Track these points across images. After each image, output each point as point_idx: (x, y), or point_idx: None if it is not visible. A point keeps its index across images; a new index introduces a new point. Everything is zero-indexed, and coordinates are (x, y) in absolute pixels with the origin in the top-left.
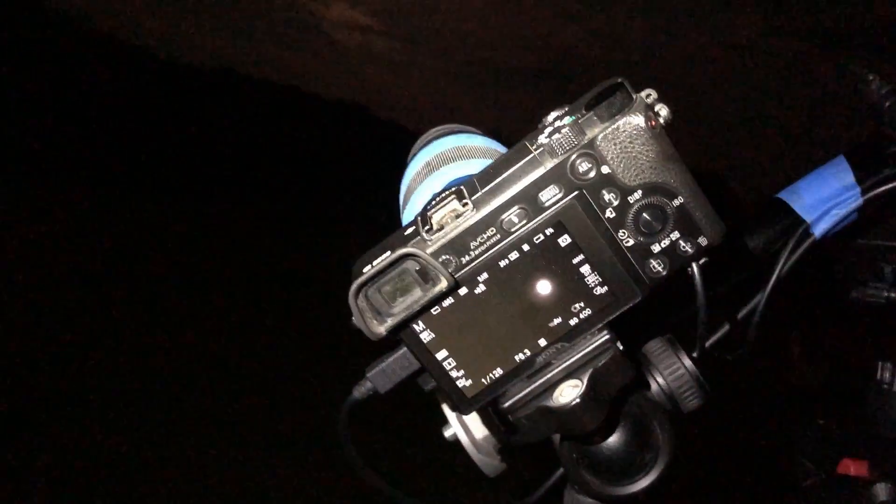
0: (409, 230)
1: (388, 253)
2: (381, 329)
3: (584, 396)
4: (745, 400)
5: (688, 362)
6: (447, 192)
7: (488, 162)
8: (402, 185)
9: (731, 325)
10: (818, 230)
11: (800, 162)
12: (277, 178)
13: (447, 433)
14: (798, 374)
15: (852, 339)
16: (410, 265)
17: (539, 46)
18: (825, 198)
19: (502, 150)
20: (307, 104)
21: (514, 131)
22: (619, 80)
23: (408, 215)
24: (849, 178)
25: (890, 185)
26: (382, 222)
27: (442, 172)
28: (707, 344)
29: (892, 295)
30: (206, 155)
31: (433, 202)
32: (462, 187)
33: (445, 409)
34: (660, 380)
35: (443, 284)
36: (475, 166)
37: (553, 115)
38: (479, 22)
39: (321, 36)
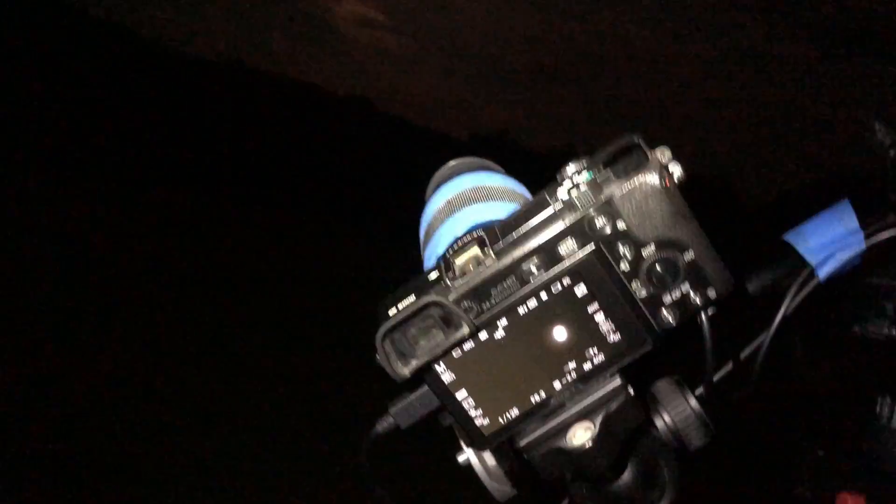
0: (433, 275)
1: (413, 297)
2: (406, 371)
3: (596, 439)
4: (745, 431)
5: (694, 403)
6: (469, 238)
7: (507, 204)
8: (424, 219)
9: (735, 364)
10: (822, 273)
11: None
12: (283, 172)
13: (461, 458)
14: (799, 377)
15: (852, 374)
16: (434, 311)
17: (547, 46)
18: (829, 242)
19: (519, 188)
20: (315, 98)
21: (521, 129)
22: (635, 138)
23: (429, 254)
24: (853, 223)
25: (893, 232)
26: (388, 215)
27: (463, 214)
28: (712, 383)
29: (893, 332)
30: (214, 147)
31: (455, 246)
32: (484, 235)
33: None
34: (667, 419)
35: (464, 330)
36: (495, 209)
37: (571, 167)
38: (487, 20)
39: (330, 31)
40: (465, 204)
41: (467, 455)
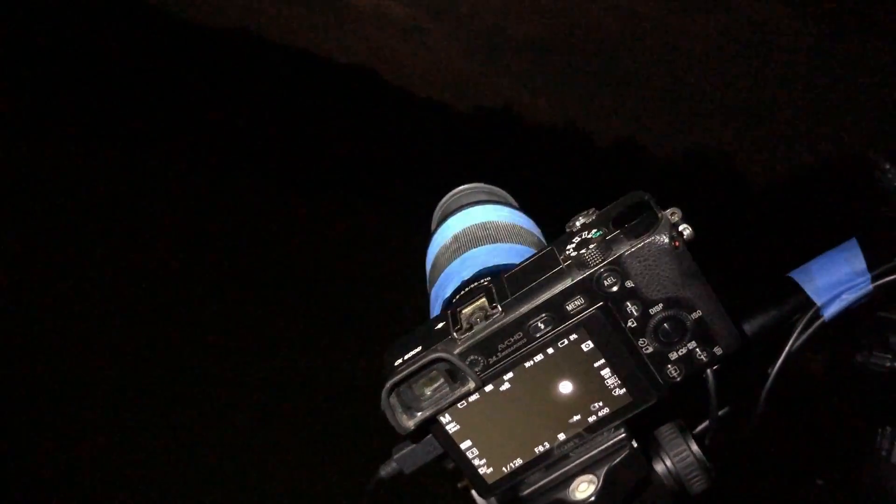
0: (440, 325)
1: (420, 349)
2: (411, 424)
3: (599, 493)
4: (746, 462)
5: (695, 448)
6: (476, 287)
7: (514, 247)
8: (430, 251)
9: (738, 404)
10: (828, 313)
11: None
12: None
13: (461, 484)
14: (808, 367)
15: (853, 405)
16: (441, 365)
17: (555, 19)
18: (836, 282)
19: (527, 223)
20: (319, 66)
21: (523, 103)
22: (646, 196)
23: (436, 294)
24: (860, 263)
25: None
26: (390, 187)
27: (470, 255)
28: (714, 422)
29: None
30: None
31: (462, 293)
32: (491, 286)
33: None
34: (668, 463)
35: (470, 385)
36: (502, 252)
37: (580, 221)
38: None
39: None
40: (473, 244)
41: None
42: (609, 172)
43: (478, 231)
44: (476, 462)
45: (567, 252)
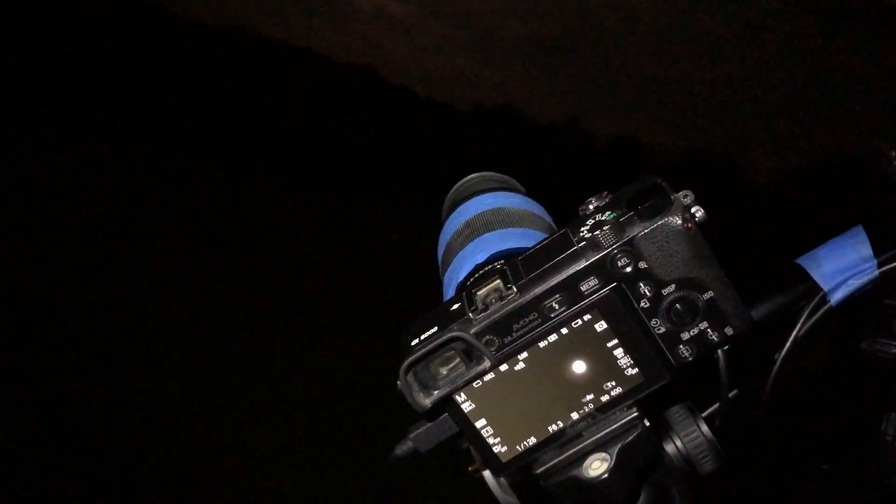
0: (455, 306)
1: (436, 329)
2: (427, 402)
3: (612, 471)
4: (751, 447)
5: (705, 429)
6: (491, 269)
7: (526, 231)
8: (442, 238)
9: (747, 388)
10: (834, 298)
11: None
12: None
13: (472, 467)
14: (815, 353)
15: (859, 390)
16: (457, 344)
17: (554, 16)
18: (842, 268)
19: (538, 210)
20: (317, 63)
21: (524, 99)
22: (659, 180)
23: (449, 278)
24: (866, 250)
25: None
26: (392, 184)
27: (483, 240)
28: (725, 403)
29: None
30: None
31: (477, 275)
32: (506, 268)
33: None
34: (678, 444)
35: (486, 364)
36: (515, 236)
37: (594, 203)
38: None
39: None
40: (485, 229)
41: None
42: (610, 169)
43: (490, 216)
44: (491, 440)
45: (581, 234)
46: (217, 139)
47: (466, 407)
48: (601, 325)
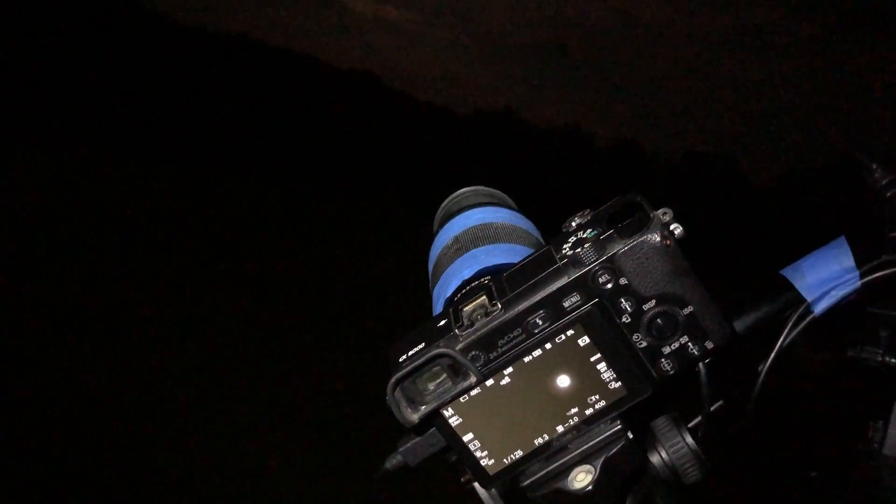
0: (442, 322)
1: (423, 345)
2: (415, 417)
3: (596, 483)
4: (740, 454)
5: (689, 440)
6: (477, 285)
7: (514, 246)
8: (432, 252)
9: (730, 398)
10: (818, 309)
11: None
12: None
13: (464, 478)
14: (803, 361)
15: (846, 398)
16: (443, 360)
17: (553, 20)
18: (826, 279)
19: (525, 224)
20: (318, 70)
21: (522, 104)
22: (638, 197)
23: (437, 294)
24: (849, 260)
25: (887, 271)
26: (392, 191)
27: (471, 255)
28: (709, 425)
29: (887, 359)
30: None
31: (463, 291)
32: (491, 284)
33: None
34: (663, 454)
35: (472, 379)
36: (501, 251)
37: (576, 220)
38: None
39: (334, 3)
40: (473, 244)
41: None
42: (608, 173)
43: (478, 231)
44: (478, 454)
45: (563, 251)
46: (217, 145)
47: (454, 421)
48: (584, 340)
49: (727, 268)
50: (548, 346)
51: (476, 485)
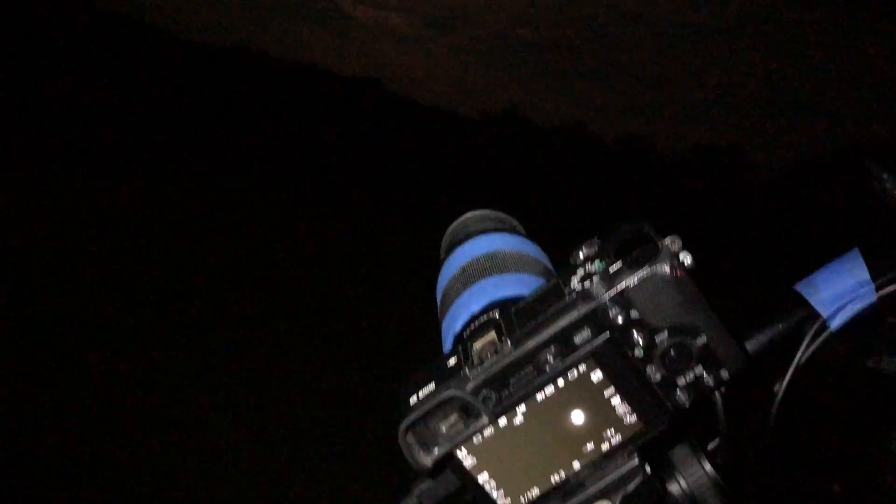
0: (452, 361)
1: (433, 386)
2: (428, 461)
3: None
4: (761, 471)
5: (708, 467)
6: (486, 321)
7: (522, 276)
8: (440, 282)
9: (750, 419)
10: (834, 324)
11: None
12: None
13: None
14: (810, 375)
15: (867, 409)
16: (455, 401)
17: (554, 20)
18: (841, 293)
19: (533, 251)
20: (321, 78)
21: (528, 106)
22: (645, 226)
23: (446, 328)
24: (864, 274)
25: None
26: (399, 196)
27: (479, 287)
28: (728, 453)
29: None
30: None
31: (472, 326)
32: (500, 320)
33: None
34: (682, 483)
35: (484, 420)
36: (510, 283)
37: (584, 252)
38: None
39: (336, 11)
40: (481, 275)
41: None
42: (616, 174)
43: (485, 262)
44: (494, 493)
45: (572, 285)
46: (222, 155)
47: (468, 462)
48: (597, 375)
49: (738, 283)
50: (560, 382)
51: None
